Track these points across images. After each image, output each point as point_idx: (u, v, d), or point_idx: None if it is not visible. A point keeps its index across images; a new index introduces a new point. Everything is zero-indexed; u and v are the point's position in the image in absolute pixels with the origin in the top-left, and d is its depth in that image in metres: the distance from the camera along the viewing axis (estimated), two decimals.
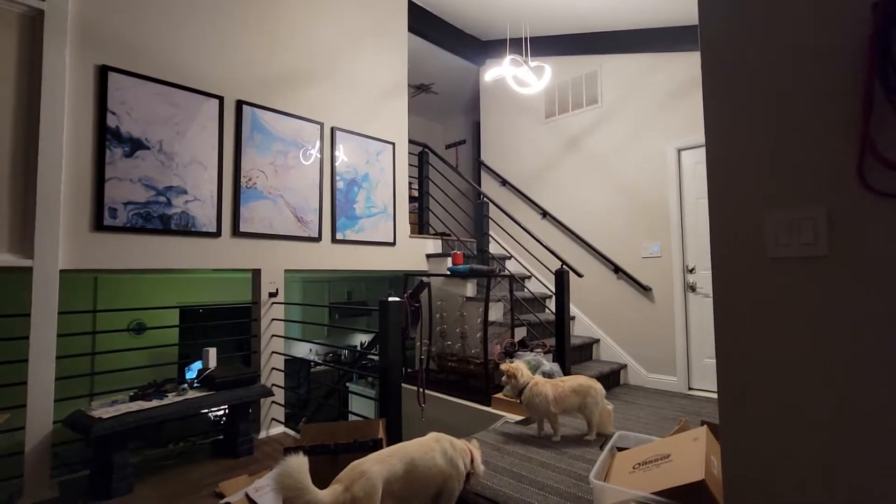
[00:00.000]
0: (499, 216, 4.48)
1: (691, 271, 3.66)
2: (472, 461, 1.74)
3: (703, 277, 3.59)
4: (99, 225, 2.44)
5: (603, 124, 4.22)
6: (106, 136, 2.48)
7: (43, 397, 2.21)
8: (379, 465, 1.40)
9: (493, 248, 4.66)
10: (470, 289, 3.80)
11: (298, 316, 6.19)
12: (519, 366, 2.61)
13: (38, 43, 2.27)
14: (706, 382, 3.55)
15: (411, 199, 4.47)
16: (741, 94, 1.05)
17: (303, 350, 6.07)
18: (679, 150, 3.73)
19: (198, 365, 2.86)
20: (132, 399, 2.37)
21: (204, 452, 2.71)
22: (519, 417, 2.88)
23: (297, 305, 4.23)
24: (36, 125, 2.24)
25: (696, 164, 3.64)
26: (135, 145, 2.59)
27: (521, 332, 3.60)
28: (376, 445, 1.77)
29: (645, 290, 3.84)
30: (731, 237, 1.05)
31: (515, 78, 3.56)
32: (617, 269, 4.01)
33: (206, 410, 2.67)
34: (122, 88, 2.55)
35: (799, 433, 0.94)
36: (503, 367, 2.64)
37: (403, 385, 2.53)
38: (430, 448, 1.57)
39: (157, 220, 2.65)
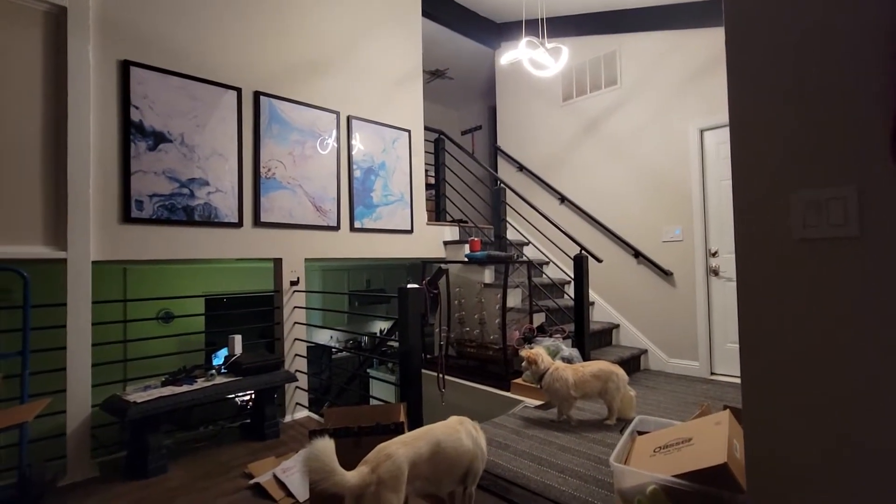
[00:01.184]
0: (516, 202, 4.45)
1: (714, 255, 3.58)
2: None
3: (727, 261, 3.51)
4: (127, 217, 2.52)
5: (622, 106, 4.13)
6: (130, 130, 2.54)
7: (81, 382, 2.32)
8: (404, 447, 1.43)
9: (511, 235, 4.65)
10: (488, 275, 3.81)
11: (319, 304, 6.30)
12: (539, 352, 2.63)
13: (63, 39, 2.32)
14: (729, 367, 3.50)
15: (428, 186, 4.47)
16: (767, 70, 1.01)
17: (324, 337, 6.20)
18: (702, 131, 3.63)
19: (224, 352, 2.95)
20: (164, 384, 2.46)
21: (232, 435, 2.82)
22: (538, 402, 2.90)
23: (318, 293, 4.30)
24: (64, 121, 2.31)
25: (719, 145, 3.55)
26: (158, 138, 2.64)
27: (539, 318, 3.60)
28: (398, 429, 1.81)
29: (666, 274, 3.78)
30: (755, 218, 1.02)
31: (532, 61, 3.50)
32: (637, 254, 3.96)
33: (234, 395, 2.77)
34: (143, 82, 2.60)
35: (825, 417, 0.93)
36: (523, 353, 2.66)
37: (423, 371, 2.57)
38: (456, 430, 1.60)
39: (182, 211, 2.72)
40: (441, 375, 2.90)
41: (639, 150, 4.00)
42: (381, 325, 6.91)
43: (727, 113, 1.08)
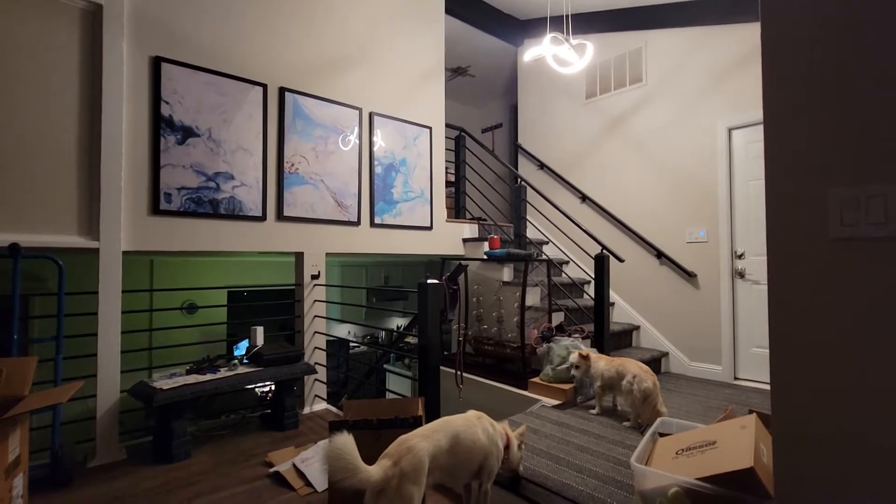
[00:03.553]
0: (536, 200, 4.42)
1: (740, 257, 3.49)
2: (507, 446, 1.74)
3: (753, 263, 3.42)
4: (156, 209, 2.59)
5: (647, 104, 4.06)
6: (160, 125, 2.61)
7: (111, 368, 2.39)
8: (425, 440, 1.43)
9: (531, 233, 4.62)
10: (507, 273, 3.79)
11: (338, 300, 6.38)
12: (590, 352, 2.77)
13: (98, 36, 2.40)
14: (754, 372, 3.41)
15: (448, 183, 4.47)
16: (805, 59, 0.98)
17: (342, 331, 6.27)
18: (730, 130, 3.53)
19: (246, 343, 3.01)
20: (188, 372, 2.53)
21: (253, 425, 2.87)
22: (556, 402, 2.87)
23: (338, 288, 4.36)
24: (98, 115, 2.38)
25: (748, 144, 3.45)
26: (186, 133, 2.71)
27: (558, 318, 3.57)
28: (416, 422, 1.82)
29: (689, 276, 3.71)
30: (788, 216, 0.99)
31: (555, 57, 3.46)
32: (660, 255, 3.89)
33: (255, 386, 2.83)
34: (174, 79, 2.66)
35: (862, 425, 0.90)
36: (573, 358, 2.75)
37: (441, 367, 2.57)
38: (473, 424, 1.60)
39: (208, 204, 2.78)
40: (459, 372, 2.90)
41: (664, 148, 3.93)
42: (398, 321, 6.95)
43: (757, 111, 1.06)
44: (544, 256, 4.23)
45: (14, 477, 1.47)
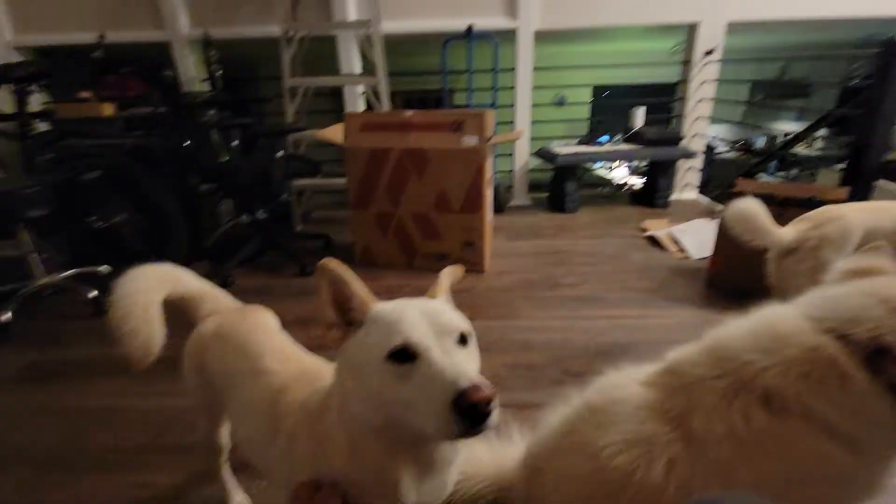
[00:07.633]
0: None
1: None
2: None
3: None
4: None
5: None
6: None
7: (524, 131, 2.99)
8: (861, 213, 1.21)
9: None
10: None
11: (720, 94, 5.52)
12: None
13: None
14: None
15: None
16: None
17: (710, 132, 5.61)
18: None
19: (605, 139, 3.13)
20: (579, 143, 2.91)
21: (622, 198, 3.17)
22: None
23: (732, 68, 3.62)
24: None
25: None
26: None
27: None
28: None
29: None
30: None
31: None
32: None
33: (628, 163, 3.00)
34: None
35: None
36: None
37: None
38: None
39: None
40: None
41: None
42: (787, 127, 5.58)
43: None
44: None
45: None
